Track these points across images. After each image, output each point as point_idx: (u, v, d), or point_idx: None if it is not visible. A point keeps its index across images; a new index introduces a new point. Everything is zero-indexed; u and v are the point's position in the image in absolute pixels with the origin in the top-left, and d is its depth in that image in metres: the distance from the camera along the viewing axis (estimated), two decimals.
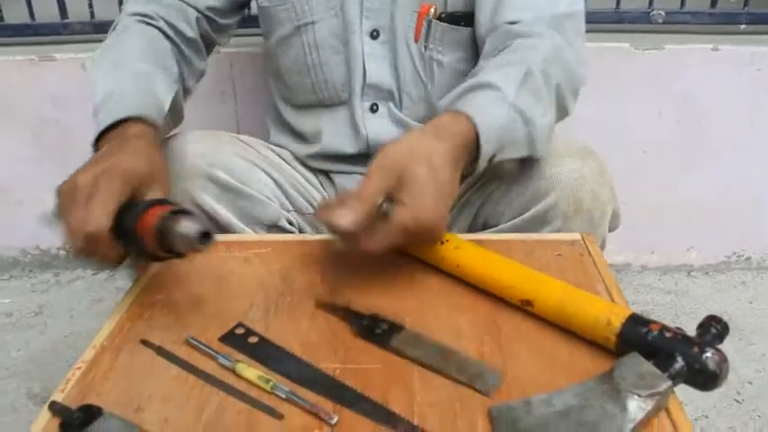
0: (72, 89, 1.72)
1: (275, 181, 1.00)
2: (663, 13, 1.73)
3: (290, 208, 1.02)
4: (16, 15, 1.78)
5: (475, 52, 1.01)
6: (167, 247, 0.66)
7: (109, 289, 1.84)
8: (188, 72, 1.02)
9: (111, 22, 0.97)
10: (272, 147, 1.09)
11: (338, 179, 1.09)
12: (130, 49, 0.94)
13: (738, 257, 1.90)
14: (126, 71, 0.89)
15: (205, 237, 0.65)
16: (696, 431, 1.34)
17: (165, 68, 0.94)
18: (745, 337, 1.62)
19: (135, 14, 0.99)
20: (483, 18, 0.94)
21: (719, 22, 1.75)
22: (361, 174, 1.07)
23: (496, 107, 0.79)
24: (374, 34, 1.00)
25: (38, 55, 1.70)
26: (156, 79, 0.90)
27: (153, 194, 0.72)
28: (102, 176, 0.69)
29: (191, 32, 1.01)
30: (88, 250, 0.68)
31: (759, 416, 1.38)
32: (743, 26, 1.75)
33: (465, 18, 0.98)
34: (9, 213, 1.87)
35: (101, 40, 1.70)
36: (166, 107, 0.89)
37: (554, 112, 0.86)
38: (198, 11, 1.03)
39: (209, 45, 1.08)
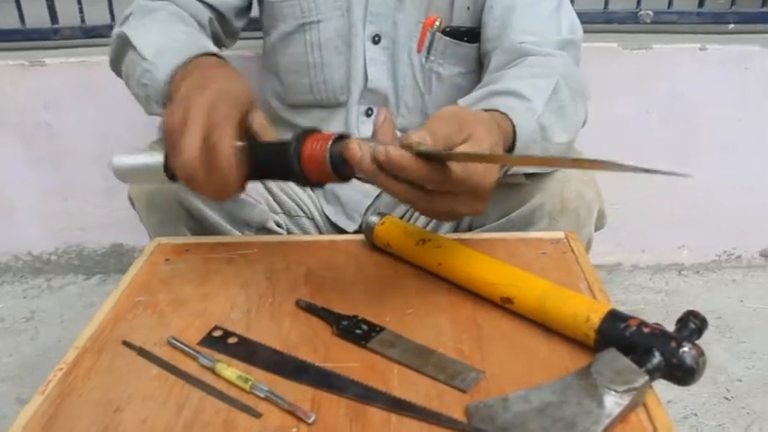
0: (63, 94, 1.73)
1: (263, 183, 1.00)
2: (651, 13, 1.74)
3: (279, 210, 1.02)
4: (7, 21, 1.78)
5: (475, 69, 1.02)
6: (344, 174, 0.65)
7: (100, 294, 1.85)
8: None
9: (102, 27, 0.95)
10: None
11: None
12: (168, 18, 0.92)
13: (729, 256, 1.90)
14: (173, 31, 0.87)
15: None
16: (686, 429, 1.34)
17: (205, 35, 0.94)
18: (735, 335, 1.62)
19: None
20: (490, 34, 0.95)
21: (707, 21, 1.76)
22: None
23: (525, 118, 0.76)
24: (375, 39, 1.00)
25: (29, 60, 1.71)
26: (203, 38, 0.89)
27: (256, 116, 0.71)
28: (217, 103, 0.67)
29: (205, 16, 0.99)
30: (204, 178, 0.66)
31: (748, 413, 1.38)
32: (731, 26, 1.76)
33: (469, 34, 0.99)
34: (2, 219, 1.87)
35: (91, 45, 1.74)
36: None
37: (575, 130, 0.86)
38: (214, 9, 1.00)
39: (231, 34, 1.07)
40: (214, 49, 0.83)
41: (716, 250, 1.90)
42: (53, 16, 1.75)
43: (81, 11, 1.73)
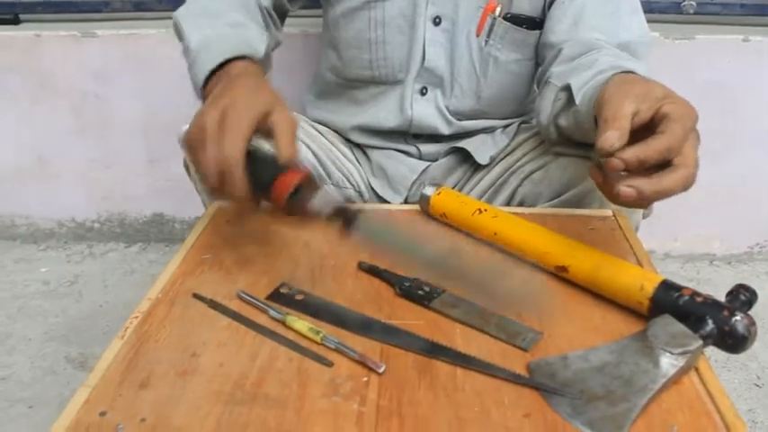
0: (113, 65, 1.77)
1: (314, 153, 1.03)
2: (694, 3, 1.74)
3: (328, 180, 1.05)
4: None
5: (531, 57, 1.04)
6: (298, 213, 0.68)
7: (141, 261, 1.89)
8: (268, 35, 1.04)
9: (151, 1, 0.97)
10: (310, 122, 1.12)
11: (374, 155, 1.11)
12: (221, 2, 0.94)
13: (762, 248, 1.91)
14: (221, 20, 0.90)
15: (337, 212, 0.68)
16: None
17: (256, 21, 0.96)
18: (765, 325, 1.63)
19: None
20: (559, 27, 0.96)
21: (750, 13, 1.76)
22: (395, 150, 1.11)
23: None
24: (436, 21, 1.02)
25: (80, 31, 1.75)
26: (250, 28, 0.91)
27: (277, 117, 0.71)
28: (228, 112, 0.69)
29: (265, 2, 1.02)
30: (221, 188, 0.68)
31: None
32: None
33: (527, 22, 1.01)
34: (48, 186, 1.92)
35: (140, 18, 1.78)
36: (261, 55, 0.88)
37: None
38: None
39: (282, 14, 1.09)
40: (248, 50, 0.85)
41: (748, 242, 1.91)
42: None
43: None
